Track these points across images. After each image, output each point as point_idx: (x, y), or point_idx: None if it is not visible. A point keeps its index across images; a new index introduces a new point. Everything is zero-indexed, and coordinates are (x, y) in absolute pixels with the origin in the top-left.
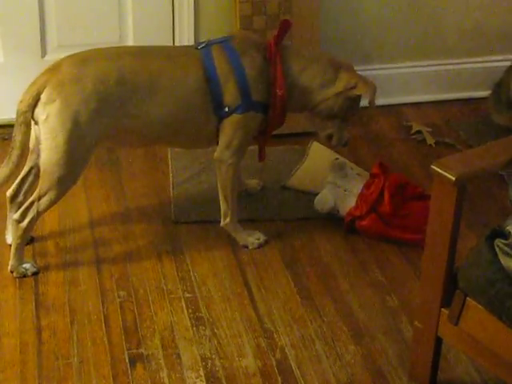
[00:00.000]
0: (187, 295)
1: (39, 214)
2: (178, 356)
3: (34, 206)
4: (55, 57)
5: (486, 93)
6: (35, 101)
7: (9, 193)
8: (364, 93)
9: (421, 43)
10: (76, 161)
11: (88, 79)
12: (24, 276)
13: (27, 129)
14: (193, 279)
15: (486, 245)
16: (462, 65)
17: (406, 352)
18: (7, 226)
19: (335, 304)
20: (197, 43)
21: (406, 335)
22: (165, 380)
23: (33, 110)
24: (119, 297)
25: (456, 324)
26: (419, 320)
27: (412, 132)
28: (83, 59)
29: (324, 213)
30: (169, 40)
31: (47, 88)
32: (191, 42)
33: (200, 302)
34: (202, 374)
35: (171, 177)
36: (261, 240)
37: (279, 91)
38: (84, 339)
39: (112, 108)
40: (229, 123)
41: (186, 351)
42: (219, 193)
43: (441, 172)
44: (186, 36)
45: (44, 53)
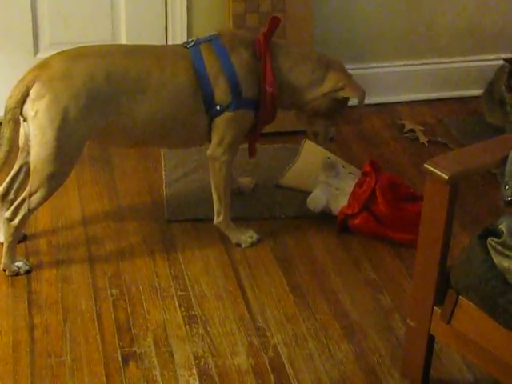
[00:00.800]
0: (180, 293)
1: (30, 212)
2: (171, 354)
3: (25, 204)
4: (48, 55)
5: (479, 92)
6: (24, 97)
7: None
8: (351, 96)
9: (414, 42)
10: (66, 157)
11: (77, 76)
12: (17, 274)
13: (16, 125)
14: (186, 277)
15: (479, 243)
16: (455, 64)
17: (399, 350)
18: None
19: (328, 302)
20: (185, 42)
21: (399, 333)
22: (157, 378)
23: (21, 107)
24: (112, 295)
25: (448, 322)
26: (412, 318)
27: (405, 131)
28: (73, 56)
29: (317, 212)
30: (162, 39)
31: (36, 84)
32: (184, 41)
33: (193, 301)
34: (195, 372)
35: (164, 175)
36: (254, 238)
37: (269, 88)
38: (77, 337)
39: (101, 105)
40: (221, 121)
41: (179, 349)
42: (212, 191)
43: (434, 171)
44: (179, 34)
45: (36, 51)
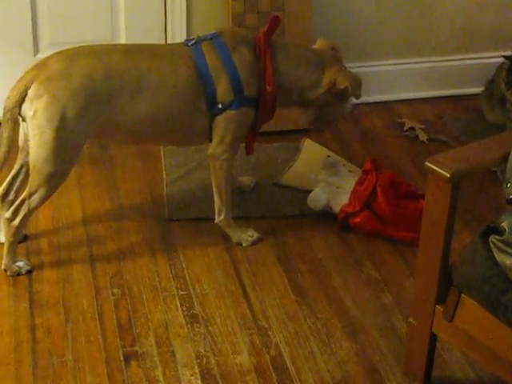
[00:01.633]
0: (181, 293)
1: (31, 212)
2: (173, 353)
3: (25, 204)
4: (47, 55)
5: (479, 89)
6: (22, 97)
7: None
8: (344, 86)
9: (413, 40)
10: (65, 157)
11: (76, 75)
12: (18, 274)
13: (15, 125)
14: (187, 277)
15: (481, 241)
16: (455, 61)
17: (401, 348)
18: (0, 225)
19: (329, 301)
20: (186, 40)
21: (401, 332)
22: (159, 377)
23: (20, 107)
24: (113, 294)
25: (450, 320)
26: (414, 317)
27: (405, 129)
28: (71, 55)
29: (317, 210)
30: (161, 38)
31: (35, 84)
32: (185, 39)
33: (194, 300)
34: (197, 372)
35: (164, 174)
36: (254, 237)
37: (269, 87)
38: (78, 337)
39: (100, 104)
40: (222, 119)
41: (181, 349)
42: (214, 189)
43: (435, 169)
44: (179, 34)
45: (36, 51)
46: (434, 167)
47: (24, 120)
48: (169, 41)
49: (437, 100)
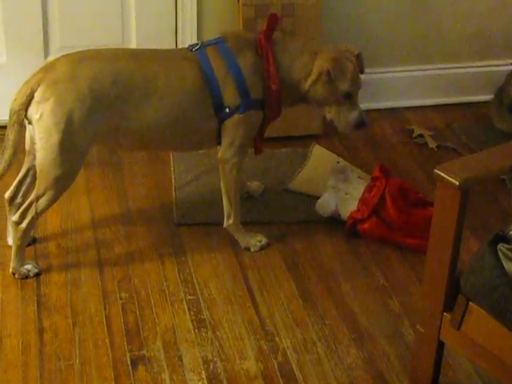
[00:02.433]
0: (189, 297)
1: (38, 215)
2: (180, 358)
3: (33, 207)
4: None
5: (488, 97)
6: (29, 100)
7: (7, 195)
8: (322, 68)
9: (423, 47)
10: (72, 160)
11: (83, 78)
12: (26, 277)
13: (20, 128)
14: (195, 281)
15: (489, 249)
16: (464, 69)
17: (408, 356)
18: (8, 228)
19: (337, 307)
20: (190, 45)
21: (408, 339)
22: (166, 382)
23: (26, 109)
24: (121, 298)
25: (458, 328)
26: (421, 324)
27: (414, 136)
28: (78, 59)
29: (326, 216)
30: (172, 42)
31: (41, 86)
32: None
33: (202, 305)
34: (204, 377)
35: (173, 179)
36: (263, 242)
37: (274, 86)
38: (86, 341)
39: (106, 108)
40: (230, 123)
41: (188, 353)
42: (223, 193)
43: (444, 176)
44: (189, 39)
45: (47, 54)
46: (444, 175)
47: (30, 123)
48: (179, 45)
49: (446, 107)
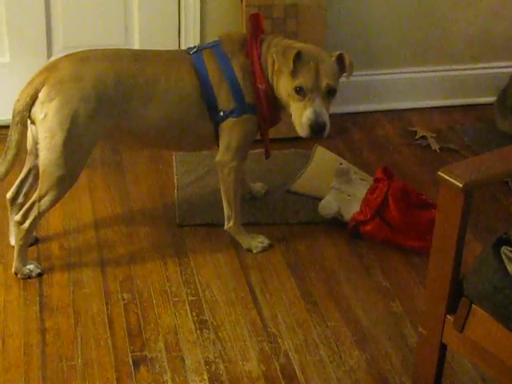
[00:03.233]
0: (191, 298)
1: (40, 215)
2: (182, 359)
3: (35, 207)
4: None
5: (491, 99)
6: (33, 100)
7: (9, 195)
8: (277, 59)
9: (426, 49)
10: (75, 160)
11: (87, 78)
12: (28, 277)
13: (24, 128)
14: (197, 282)
15: (492, 252)
16: (468, 71)
17: (410, 358)
18: (10, 228)
19: (339, 309)
20: (188, 48)
21: (410, 341)
22: (168, 383)
23: (30, 110)
24: (123, 299)
25: (461, 331)
26: (424, 326)
27: (416, 137)
28: (82, 58)
29: (328, 218)
30: (175, 43)
31: (45, 86)
32: (187, 47)
33: (204, 306)
34: (206, 378)
35: (176, 179)
36: (265, 244)
37: (261, 85)
38: (88, 341)
39: (110, 108)
40: (226, 127)
41: (190, 354)
42: (222, 197)
43: (448, 179)
44: (192, 39)
45: (50, 54)
46: (447, 177)
47: (33, 123)
48: (182, 46)
49: (449, 109)
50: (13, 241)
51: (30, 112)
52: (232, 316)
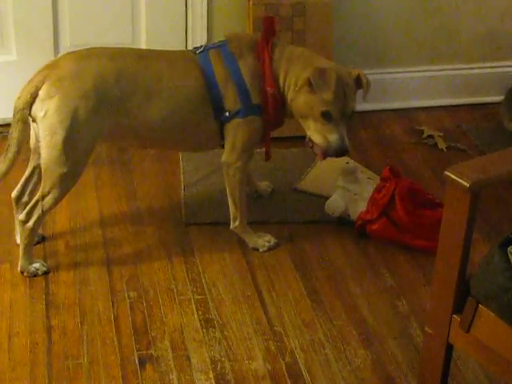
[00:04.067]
0: (197, 297)
1: (44, 214)
2: (188, 358)
3: (39, 206)
4: None
5: (499, 98)
6: (33, 98)
7: (13, 194)
8: (304, 76)
9: (433, 48)
10: (76, 158)
11: (88, 75)
12: (34, 275)
13: (24, 126)
14: (203, 281)
15: (499, 252)
16: (475, 70)
17: (416, 357)
18: (16, 227)
19: (345, 308)
20: (194, 48)
21: (416, 340)
22: (174, 382)
23: (30, 107)
24: (129, 297)
25: (468, 331)
26: (430, 326)
27: (423, 136)
28: (83, 56)
29: (335, 216)
30: (182, 42)
31: (46, 84)
32: (194, 47)
33: (210, 304)
34: (212, 377)
35: (182, 178)
36: (271, 243)
37: (269, 89)
38: (94, 339)
39: (110, 106)
40: (231, 127)
41: (196, 353)
42: (228, 196)
43: (454, 178)
44: (199, 38)
45: (57, 52)
46: (454, 177)
47: (34, 121)
48: (189, 45)
49: (456, 108)
50: (19, 239)
51: (31, 110)
52: (238, 315)
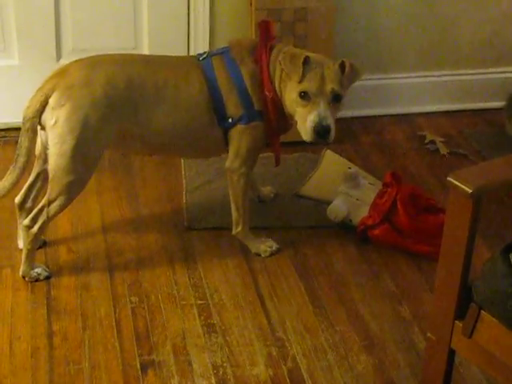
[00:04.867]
0: (199, 302)
1: (49, 220)
2: (190, 363)
3: (44, 212)
4: (70, 60)
5: (500, 104)
6: (43, 106)
7: (17, 199)
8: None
9: (434, 53)
10: (84, 166)
11: (98, 83)
12: (36, 280)
13: (34, 135)
14: (205, 286)
15: (501, 258)
16: (476, 75)
17: (418, 363)
18: (18, 232)
19: (347, 313)
20: (198, 54)
21: (419, 346)
22: None
23: (40, 116)
24: (131, 303)
25: (470, 337)
26: (432, 331)
27: (425, 142)
28: (92, 63)
29: (337, 222)
30: (184, 48)
31: (56, 92)
32: (197, 53)
33: (212, 310)
34: (214, 382)
35: (184, 183)
36: (273, 248)
37: (268, 93)
38: (95, 345)
39: (120, 114)
40: (235, 133)
41: (198, 358)
42: (231, 202)
43: (457, 184)
44: (202, 43)
45: (59, 56)
46: (456, 182)
47: (43, 128)
48: (191, 50)
49: (458, 113)
50: (21, 244)
51: (40, 118)
52: (240, 320)
